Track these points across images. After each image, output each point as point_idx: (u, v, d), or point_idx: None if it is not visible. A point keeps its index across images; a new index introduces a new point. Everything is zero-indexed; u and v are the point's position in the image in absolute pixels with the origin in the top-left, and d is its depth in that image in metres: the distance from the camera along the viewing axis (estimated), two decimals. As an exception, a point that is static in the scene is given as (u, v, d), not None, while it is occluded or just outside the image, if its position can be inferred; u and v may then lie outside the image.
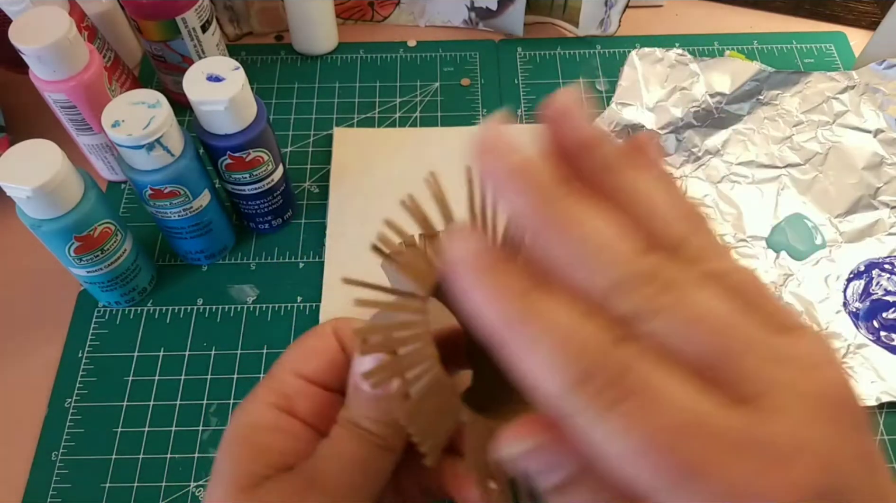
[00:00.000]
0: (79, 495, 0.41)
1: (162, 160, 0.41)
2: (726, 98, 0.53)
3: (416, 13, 0.62)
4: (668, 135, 0.52)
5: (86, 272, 0.43)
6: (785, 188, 0.50)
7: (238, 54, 0.60)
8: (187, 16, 0.49)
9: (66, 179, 0.38)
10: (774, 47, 0.60)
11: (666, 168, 0.24)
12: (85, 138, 0.48)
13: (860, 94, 0.52)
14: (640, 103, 0.52)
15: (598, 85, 0.58)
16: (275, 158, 0.45)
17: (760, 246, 0.48)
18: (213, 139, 0.42)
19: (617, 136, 0.51)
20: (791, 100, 0.53)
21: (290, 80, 0.59)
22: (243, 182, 0.45)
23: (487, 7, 0.60)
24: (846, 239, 0.48)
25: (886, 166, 0.50)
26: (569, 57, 0.60)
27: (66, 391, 0.44)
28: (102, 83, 0.45)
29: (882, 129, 0.51)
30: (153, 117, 0.39)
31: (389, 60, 0.60)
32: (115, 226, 0.42)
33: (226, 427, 0.27)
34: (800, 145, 0.51)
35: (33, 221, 0.39)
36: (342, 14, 0.62)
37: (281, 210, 0.49)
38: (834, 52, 0.60)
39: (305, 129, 0.56)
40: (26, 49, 0.41)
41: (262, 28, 0.62)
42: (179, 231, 0.45)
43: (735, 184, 0.51)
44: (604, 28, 0.61)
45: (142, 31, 0.50)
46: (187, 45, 0.51)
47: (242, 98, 0.41)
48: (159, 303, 0.48)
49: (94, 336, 0.46)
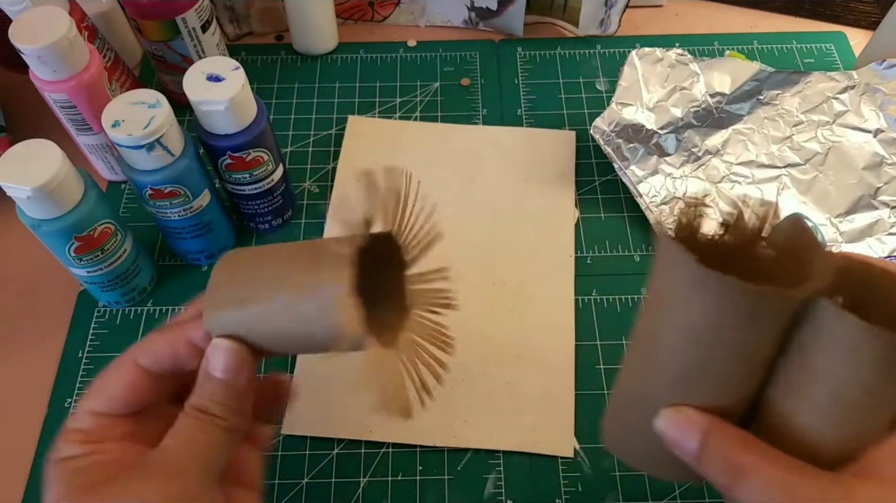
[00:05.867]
0: (79, 495, 0.41)
1: (162, 160, 0.41)
2: (726, 98, 0.53)
3: (416, 13, 0.62)
4: (668, 135, 0.52)
5: (86, 272, 0.43)
6: (785, 188, 0.50)
7: (238, 54, 0.60)
8: (187, 16, 0.49)
9: (66, 179, 0.38)
10: (774, 47, 0.60)
11: None
12: (85, 138, 0.48)
13: (860, 94, 0.52)
14: (640, 103, 0.52)
15: (598, 85, 0.58)
16: (275, 158, 0.45)
17: (760, 246, 0.48)
18: (213, 139, 0.42)
19: (617, 136, 0.51)
20: (791, 100, 0.53)
21: (290, 80, 0.59)
22: (243, 182, 0.45)
23: (487, 7, 0.60)
24: (846, 239, 0.48)
25: (886, 166, 0.50)
26: (569, 57, 0.60)
27: (66, 391, 0.44)
28: (102, 83, 0.45)
29: (882, 129, 0.51)
30: (153, 117, 0.39)
31: (389, 60, 0.60)
32: (115, 226, 0.42)
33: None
34: (800, 145, 0.51)
35: (33, 221, 0.39)
36: (342, 14, 0.62)
37: (281, 210, 0.49)
38: (834, 52, 0.60)
39: (305, 129, 0.56)
40: (26, 49, 0.41)
41: (262, 28, 0.62)
42: (179, 231, 0.45)
43: (735, 184, 0.51)
44: (604, 28, 0.61)
45: (142, 31, 0.50)
46: (187, 45, 0.51)
47: (242, 98, 0.41)
48: (159, 303, 0.48)
49: (94, 336, 0.46)
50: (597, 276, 0.48)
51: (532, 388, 0.44)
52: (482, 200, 0.51)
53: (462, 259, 0.49)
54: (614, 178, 0.53)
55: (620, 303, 0.47)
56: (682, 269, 0.23)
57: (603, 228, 0.51)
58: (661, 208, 0.50)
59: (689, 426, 0.24)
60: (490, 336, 0.46)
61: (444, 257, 0.49)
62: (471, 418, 0.43)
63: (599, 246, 0.50)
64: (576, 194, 0.52)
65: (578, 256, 0.49)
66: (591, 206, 0.52)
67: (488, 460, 0.42)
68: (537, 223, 0.50)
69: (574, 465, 0.42)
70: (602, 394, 0.44)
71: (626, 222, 0.51)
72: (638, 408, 0.27)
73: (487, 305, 0.47)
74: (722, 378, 0.24)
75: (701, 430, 0.24)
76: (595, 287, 0.48)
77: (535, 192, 0.52)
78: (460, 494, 0.41)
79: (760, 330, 0.23)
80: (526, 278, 0.48)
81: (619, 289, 0.48)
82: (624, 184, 0.51)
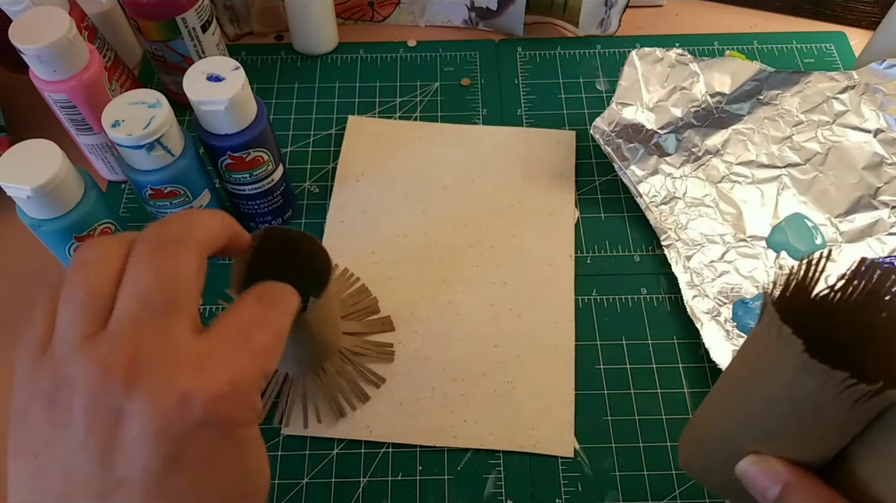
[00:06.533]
0: (79, 495, 0.41)
1: (162, 160, 0.41)
2: (726, 98, 0.53)
3: (416, 13, 0.62)
4: (668, 135, 0.52)
5: (86, 272, 0.43)
6: (785, 188, 0.50)
7: (238, 54, 0.60)
8: (187, 16, 0.49)
9: (66, 179, 0.38)
10: (774, 47, 0.60)
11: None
12: (85, 138, 0.48)
13: (860, 94, 0.52)
14: (640, 103, 0.52)
15: (598, 85, 0.58)
16: (275, 158, 0.45)
17: (760, 246, 0.48)
18: (213, 139, 0.42)
19: (617, 136, 0.51)
20: (791, 100, 0.53)
21: (290, 80, 0.59)
22: (243, 182, 0.45)
23: (487, 7, 0.60)
24: (846, 239, 0.48)
25: (886, 166, 0.50)
26: (569, 57, 0.60)
27: (66, 391, 0.44)
28: (102, 83, 0.45)
29: (882, 129, 0.51)
30: (153, 117, 0.39)
31: (389, 60, 0.60)
32: (115, 226, 0.42)
33: None
34: (800, 145, 0.51)
35: (33, 221, 0.39)
36: (342, 14, 0.62)
37: (281, 210, 0.49)
38: (834, 51, 0.60)
39: (305, 129, 0.56)
40: (26, 49, 0.41)
41: (262, 28, 0.62)
42: (179, 231, 0.45)
43: (735, 184, 0.51)
44: (604, 28, 0.61)
45: (142, 31, 0.50)
46: (187, 44, 0.51)
47: (242, 98, 0.41)
48: (159, 303, 0.48)
49: (94, 336, 0.46)
50: (597, 276, 0.48)
51: (532, 388, 0.44)
52: (482, 200, 0.51)
53: (462, 259, 0.49)
54: (614, 178, 0.53)
55: (620, 304, 0.47)
56: (789, 352, 0.23)
57: (603, 228, 0.51)
58: (661, 208, 0.50)
59: (771, 475, 0.25)
60: (490, 336, 0.46)
61: (444, 257, 0.49)
62: (470, 418, 0.43)
63: (599, 246, 0.50)
64: (576, 194, 0.52)
65: (578, 256, 0.49)
66: (591, 206, 0.52)
67: (488, 460, 0.42)
68: (537, 223, 0.50)
69: (574, 465, 0.42)
70: (602, 394, 0.44)
71: (626, 222, 0.51)
72: (720, 444, 0.27)
73: (487, 305, 0.47)
74: (812, 442, 0.25)
75: (782, 482, 0.25)
76: (595, 287, 0.48)
77: (535, 192, 0.52)
78: (460, 494, 0.41)
79: (862, 411, 0.23)
80: (526, 278, 0.48)
81: (619, 290, 0.48)
82: (624, 184, 0.51)
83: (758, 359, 0.25)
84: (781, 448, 0.25)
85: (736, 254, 0.48)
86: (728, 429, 0.27)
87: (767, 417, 0.25)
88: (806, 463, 0.25)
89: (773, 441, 0.25)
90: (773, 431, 0.25)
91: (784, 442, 0.25)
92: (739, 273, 0.47)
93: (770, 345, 0.24)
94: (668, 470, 0.42)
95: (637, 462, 0.42)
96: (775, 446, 0.25)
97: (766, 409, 0.25)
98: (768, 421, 0.25)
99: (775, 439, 0.25)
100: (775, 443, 0.25)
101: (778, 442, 0.25)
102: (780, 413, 0.24)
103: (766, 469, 0.25)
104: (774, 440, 0.25)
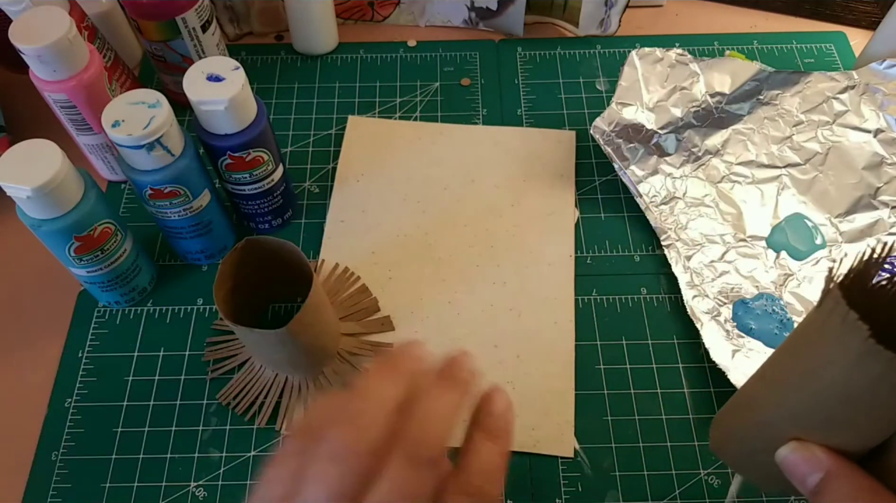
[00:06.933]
0: (79, 495, 0.41)
1: (162, 160, 0.41)
2: (726, 98, 0.53)
3: (416, 13, 0.62)
4: (668, 135, 0.52)
5: (86, 272, 0.43)
6: (785, 188, 0.50)
7: (238, 54, 0.60)
8: (187, 16, 0.49)
9: (66, 179, 0.38)
10: (774, 47, 0.60)
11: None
12: (85, 138, 0.48)
13: (860, 94, 0.52)
14: (640, 103, 0.52)
15: (598, 85, 0.58)
16: (275, 158, 0.45)
17: (760, 246, 0.48)
18: (213, 139, 0.42)
19: (617, 136, 0.51)
20: (791, 100, 0.53)
21: (290, 80, 0.59)
22: (243, 182, 0.45)
23: (487, 7, 0.60)
24: (846, 239, 0.48)
25: (886, 166, 0.50)
26: (569, 57, 0.60)
27: (66, 391, 0.44)
28: (102, 83, 0.45)
29: (882, 129, 0.51)
30: (153, 117, 0.39)
31: (389, 60, 0.60)
32: (115, 226, 0.42)
33: None
34: (800, 145, 0.51)
35: (33, 221, 0.39)
36: (342, 14, 0.62)
37: (281, 210, 0.49)
38: (834, 51, 0.60)
39: (305, 129, 0.56)
40: (26, 49, 0.41)
41: (262, 28, 0.62)
42: (179, 231, 0.45)
43: (735, 184, 0.51)
44: (604, 28, 0.61)
45: (142, 31, 0.50)
46: (187, 45, 0.51)
47: (242, 98, 0.41)
48: (159, 303, 0.48)
49: (94, 336, 0.46)
50: (597, 276, 0.48)
51: (532, 388, 0.44)
52: (482, 200, 0.51)
53: (462, 259, 0.49)
54: (614, 178, 0.53)
55: (620, 304, 0.47)
56: (854, 338, 0.22)
57: (603, 228, 0.51)
58: (661, 208, 0.50)
59: (812, 462, 0.25)
60: (490, 336, 0.46)
61: (444, 257, 0.49)
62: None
63: (599, 246, 0.50)
64: (576, 194, 0.52)
65: (578, 256, 0.49)
66: (591, 206, 0.52)
67: (488, 460, 0.42)
68: (537, 223, 0.50)
69: (574, 465, 0.42)
70: (602, 393, 0.44)
71: (626, 222, 0.51)
72: (759, 430, 0.27)
73: (487, 305, 0.47)
74: (861, 430, 0.25)
75: (824, 470, 0.25)
76: (595, 287, 0.48)
77: (535, 192, 0.52)
78: (460, 494, 0.41)
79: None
80: (526, 278, 0.48)
81: (619, 289, 0.48)
82: (624, 184, 0.51)
83: (813, 345, 0.25)
84: (826, 436, 0.25)
85: (736, 254, 0.48)
86: (770, 414, 0.27)
87: (818, 404, 0.25)
88: (848, 452, 0.25)
89: (819, 428, 0.25)
90: (820, 418, 0.25)
91: (830, 429, 0.25)
92: (739, 273, 0.47)
93: (831, 331, 0.24)
94: (668, 470, 0.42)
95: (637, 462, 0.42)
96: (820, 434, 0.25)
97: (818, 396, 0.24)
98: (818, 407, 0.25)
99: (822, 426, 0.25)
100: (821, 430, 0.25)
101: (824, 429, 0.25)
102: (833, 400, 0.24)
103: (808, 456, 0.25)
104: (821, 427, 0.25)
